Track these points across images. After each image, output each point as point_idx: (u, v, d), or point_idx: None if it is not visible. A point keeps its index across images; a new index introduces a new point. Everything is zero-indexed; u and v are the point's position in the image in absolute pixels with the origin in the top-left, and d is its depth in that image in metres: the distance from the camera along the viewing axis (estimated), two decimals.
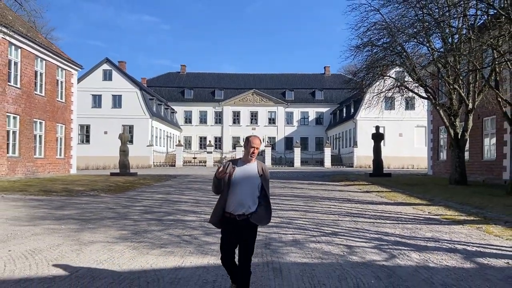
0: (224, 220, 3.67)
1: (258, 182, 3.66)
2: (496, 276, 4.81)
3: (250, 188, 3.63)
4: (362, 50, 18.31)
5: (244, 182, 3.61)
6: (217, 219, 3.69)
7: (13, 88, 18.88)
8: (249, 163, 3.72)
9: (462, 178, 16.41)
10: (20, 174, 19.34)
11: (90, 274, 4.73)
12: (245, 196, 3.60)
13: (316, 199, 12.69)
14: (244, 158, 3.75)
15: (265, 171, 3.74)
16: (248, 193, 3.62)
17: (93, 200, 11.92)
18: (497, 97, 13.12)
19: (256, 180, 3.65)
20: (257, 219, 3.65)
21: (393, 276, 4.76)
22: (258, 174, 3.67)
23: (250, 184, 3.63)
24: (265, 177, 3.72)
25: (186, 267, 5.04)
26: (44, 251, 5.76)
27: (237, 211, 3.59)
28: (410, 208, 10.59)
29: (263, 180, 3.69)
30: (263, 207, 3.69)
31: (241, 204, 3.59)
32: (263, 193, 3.70)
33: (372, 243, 6.52)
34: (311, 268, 5.08)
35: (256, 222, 3.65)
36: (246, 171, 3.66)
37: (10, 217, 8.53)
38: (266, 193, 3.71)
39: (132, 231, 7.27)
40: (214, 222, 3.75)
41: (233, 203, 3.61)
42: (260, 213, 3.66)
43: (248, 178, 3.63)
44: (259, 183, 3.67)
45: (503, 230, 7.50)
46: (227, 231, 3.68)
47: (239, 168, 3.67)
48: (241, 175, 3.63)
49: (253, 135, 3.88)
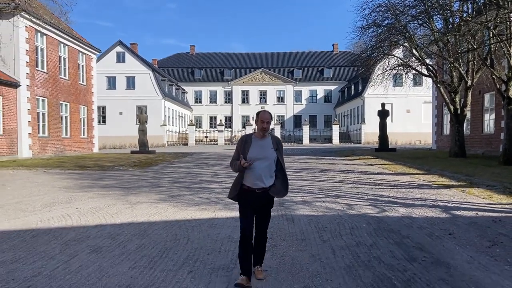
0: (243, 193, 3.74)
1: (274, 157, 3.73)
2: (463, 222, 6.11)
3: (267, 163, 3.69)
4: (368, 31, 19.21)
5: (261, 157, 3.66)
6: (236, 193, 3.77)
7: (40, 72, 20.29)
8: (264, 138, 3.76)
9: (461, 151, 17.53)
10: (50, 153, 20.98)
11: (146, 221, 6.17)
12: (263, 171, 3.67)
13: (323, 171, 14.02)
14: (257, 133, 3.79)
15: (279, 145, 3.81)
16: (266, 168, 3.68)
17: (124, 173, 13.42)
18: (491, 75, 14.10)
19: (272, 155, 3.71)
20: (275, 192, 3.75)
21: (381, 223, 6.11)
22: (273, 149, 3.73)
23: (267, 159, 3.69)
24: (280, 151, 3.79)
25: (218, 218, 6.45)
26: (103, 208, 7.23)
27: (257, 186, 3.68)
28: (407, 177, 11.86)
29: (279, 154, 3.75)
30: (280, 180, 3.77)
31: (260, 179, 3.66)
32: (279, 167, 3.77)
33: (368, 202, 7.85)
34: (317, 218, 6.44)
35: (274, 195, 3.76)
36: (261, 146, 3.71)
37: (62, 187, 10.04)
38: (282, 167, 3.79)
39: (168, 195, 8.72)
40: (233, 196, 3.82)
41: (251, 179, 3.67)
42: (277, 186, 3.76)
43: (264, 153, 3.69)
44: (275, 158, 3.73)
45: (482, 191, 8.76)
46: (246, 202, 3.74)
47: (254, 144, 3.72)
48: (257, 151, 3.68)
49: (263, 110, 3.89)
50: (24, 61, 18.89)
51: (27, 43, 19.16)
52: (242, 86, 55.87)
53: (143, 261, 4.39)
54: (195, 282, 3.78)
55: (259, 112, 3.76)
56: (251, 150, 3.68)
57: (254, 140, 3.75)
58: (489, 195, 8.30)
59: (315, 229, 5.72)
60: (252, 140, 3.75)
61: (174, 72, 55.96)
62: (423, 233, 5.47)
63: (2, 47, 18.20)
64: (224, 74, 56.33)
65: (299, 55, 60.83)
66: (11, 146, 18.37)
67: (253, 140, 3.75)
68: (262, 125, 3.70)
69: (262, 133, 3.75)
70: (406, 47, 18.63)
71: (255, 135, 3.78)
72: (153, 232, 5.60)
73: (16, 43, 18.47)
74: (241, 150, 3.72)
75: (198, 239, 5.23)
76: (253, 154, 3.65)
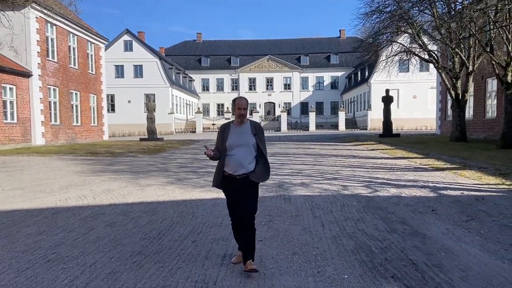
0: (225, 180, 3.77)
1: (253, 142, 3.74)
2: (447, 200, 6.58)
3: (246, 149, 3.72)
4: (371, 17, 19.41)
5: (240, 144, 3.70)
6: (219, 181, 3.81)
7: (51, 62, 20.90)
8: (242, 125, 3.79)
9: (462, 135, 17.84)
10: (62, 140, 21.72)
11: (155, 201, 6.75)
12: (243, 157, 3.69)
13: (324, 156, 14.49)
14: (235, 121, 3.82)
15: (258, 130, 3.82)
16: (245, 154, 3.71)
17: (134, 159, 14.05)
18: (491, 60, 14.32)
19: (250, 141, 3.73)
20: (256, 177, 3.75)
21: (371, 201, 6.60)
22: (252, 134, 3.75)
23: (246, 145, 3.71)
24: (260, 136, 3.80)
25: (221, 198, 6.93)
26: (116, 190, 7.82)
27: (237, 172, 3.70)
28: (405, 161, 12.28)
29: (258, 139, 3.76)
30: (261, 165, 3.79)
31: (240, 165, 3.69)
32: (259, 152, 3.78)
33: (363, 184, 8.33)
34: (312, 198, 6.96)
35: (255, 179, 3.75)
36: (239, 132, 3.74)
37: (76, 171, 10.68)
38: (262, 152, 3.80)
39: (176, 178, 9.30)
40: (217, 185, 3.86)
41: (232, 165, 3.70)
42: (258, 171, 3.76)
43: (242, 139, 3.72)
44: (254, 143, 3.74)
45: (473, 173, 9.17)
46: (229, 191, 3.79)
47: (232, 131, 3.76)
48: (235, 138, 3.72)
49: (239, 97, 3.89)
50: (35, 51, 19.48)
51: (38, 33, 19.72)
52: (249, 74, 56.11)
53: (153, 233, 4.96)
54: (197, 249, 4.34)
55: (235, 99, 3.81)
56: (229, 137, 3.73)
57: (232, 128, 3.79)
58: (479, 176, 8.71)
59: (309, 207, 6.24)
60: (231, 127, 3.79)
61: (181, 60, 56.33)
62: (408, 210, 5.96)
63: (14, 38, 18.80)
64: (231, 61, 56.54)
65: (306, 41, 60.70)
66: (25, 134, 19.11)
67: (231, 127, 3.80)
68: (240, 111, 3.73)
69: (240, 119, 3.77)
70: (409, 34, 18.81)
71: (234, 123, 3.82)
72: (162, 210, 6.18)
73: (27, 34, 19.05)
74: (220, 138, 3.80)
75: (202, 216, 5.78)
76: (232, 141, 3.71)
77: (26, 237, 4.86)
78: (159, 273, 3.70)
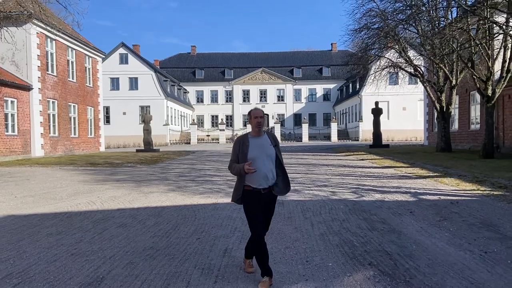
0: (247, 195, 3.62)
1: (274, 153, 3.66)
2: (425, 203, 7.26)
3: (269, 161, 3.61)
4: (360, 33, 20.38)
5: (262, 156, 3.57)
6: (239, 196, 3.67)
7: (51, 76, 21.49)
8: (260, 137, 3.68)
9: (447, 146, 18.69)
10: (61, 152, 22.19)
11: (159, 206, 7.35)
12: (268, 171, 3.59)
13: (316, 165, 15.17)
14: (253, 132, 3.69)
15: (277, 141, 3.77)
16: (270, 167, 3.61)
17: (133, 169, 14.60)
18: (472, 75, 15.23)
19: (272, 152, 3.64)
20: (278, 191, 3.69)
21: (356, 205, 7.26)
22: (272, 145, 3.67)
23: (268, 157, 3.61)
24: (278, 147, 3.74)
25: (220, 203, 7.62)
26: (121, 197, 8.40)
27: (262, 186, 3.58)
28: (392, 170, 13.01)
29: (277, 150, 3.69)
30: (281, 177, 3.71)
31: (266, 178, 3.58)
32: (277, 163, 3.70)
33: (350, 190, 9.01)
34: (303, 202, 7.60)
35: (278, 194, 3.70)
36: (260, 145, 3.62)
37: (80, 180, 11.23)
38: (281, 162, 3.72)
39: (176, 186, 9.90)
40: (236, 200, 3.73)
41: (256, 179, 3.56)
42: (280, 185, 3.70)
43: (264, 151, 3.60)
44: (274, 154, 3.67)
45: (453, 180, 9.90)
46: (251, 205, 3.61)
47: (252, 144, 3.62)
48: (257, 150, 3.58)
49: (254, 108, 3.79)
50: (36, 65, 20.09)
51: (38, 48, 20.36)
52: (242, 86, 57.03)
53: (161, 232, 5.56)
54: (202, 245, 4.95)
55: (251, 110, 3.72)
56: (250, 150, 3.57)
57: (251, 140, 3.64)
58: (457, 183, 9.44)
59: (300, 210, 6.88)
60: (249, 139, 3.64)
61: (175, 72, 57.15)
62: (389, 212, 6.63)
63: (16, 53, 19.40)
64: (225, 73, 57.48)
65: (299, 54, 62.05)
66: (25, 145, 19.58)
67: (250, 139, 3.65)
68: (256, 120, 3.61)
69: (258, 129, 3.64)
70: (395, 49, 19.78)
71: (251, 134, 3.69)
72: (166, 213, 6.78)
73: (28, 49, 19.68)
74: (240, 152, 3.63)
75: (203, 218, 6.40)
76: (254, 154, 3.56)
77: (47, 236, 5.44)
78: (170, 262, 4.30)
